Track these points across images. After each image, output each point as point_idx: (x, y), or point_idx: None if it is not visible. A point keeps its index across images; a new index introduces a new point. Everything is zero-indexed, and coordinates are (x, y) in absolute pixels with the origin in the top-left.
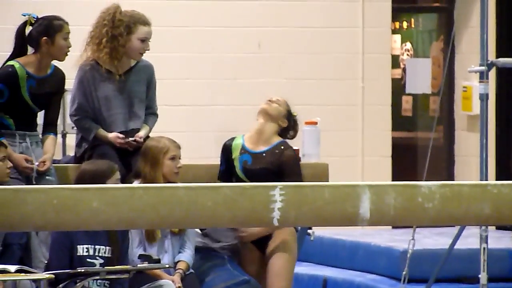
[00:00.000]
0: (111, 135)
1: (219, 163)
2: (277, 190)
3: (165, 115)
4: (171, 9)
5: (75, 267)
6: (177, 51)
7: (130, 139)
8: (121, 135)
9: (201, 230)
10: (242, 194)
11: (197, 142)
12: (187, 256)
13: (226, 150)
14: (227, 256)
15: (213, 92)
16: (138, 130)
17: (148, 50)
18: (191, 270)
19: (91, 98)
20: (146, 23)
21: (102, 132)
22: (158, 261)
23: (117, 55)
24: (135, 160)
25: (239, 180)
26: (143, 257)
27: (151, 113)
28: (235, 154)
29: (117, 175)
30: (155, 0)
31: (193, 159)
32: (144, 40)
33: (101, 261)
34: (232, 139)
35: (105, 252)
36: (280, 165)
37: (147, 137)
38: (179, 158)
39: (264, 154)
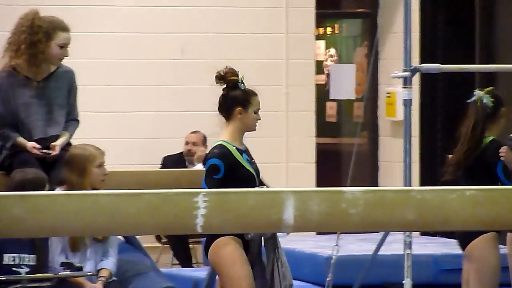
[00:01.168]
0: (29, 145)
1: (217, 172)
2: (201, 197)
3: (88, 121)
4: (94, 14)
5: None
6: (100, 57)
7: (44, 151)
8: (37, 145)
9: (124, 237)
10: (166, 201)
11: (121, 148)
12: (109, 263)
13: (228, 155)
14: (150, 263)
15: (136, 98)
16: (58, 136)
17: (67, 56)
18: (114, 278)
19: (9, 105)
20: (65, 29)
21: (21, 140)
22: (81, 268)
23: (35, 62)
24: (54, 168)
25: (252, 178)
26: (65, 265)
27: (71, 119)
28: (238, 156)
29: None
30: (77, 6)
31: (117, 166)
32: (63, 46)
33: (27, 269)
34: (220, 148)
35: (29, 261)
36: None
37: (68, 144)
38: (104, 165)
39: (247, 150)
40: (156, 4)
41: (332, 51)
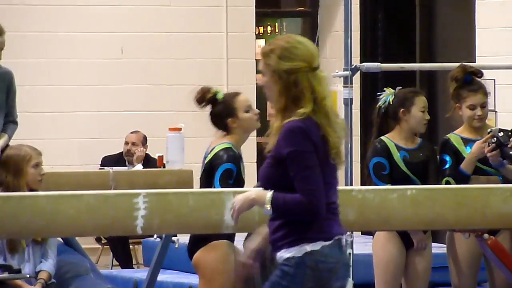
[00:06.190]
0: None
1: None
2: (141, 198)
3: (26, 122)
4: (30, 14)
5: None
6: (38, 57)
7: None
8: None
9: (63, 239)
10: (105, 202)
11: (60, 149)
12: (48, 265)
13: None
14: (90, 264)
15: (75, 98)
16: None
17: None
18: (53, 280)
19: None
20: (0, 32)
21: None
22: (19, 271)
23: None
24: None
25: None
26: (3, 267)
27: (10, 121)
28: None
29: None
30: (13, 5)
31: (56, 166)
32: None
33: None
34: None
35: None
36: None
37: (7, 145)
38: (41, 165)
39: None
40: (96, 3)
41: None
